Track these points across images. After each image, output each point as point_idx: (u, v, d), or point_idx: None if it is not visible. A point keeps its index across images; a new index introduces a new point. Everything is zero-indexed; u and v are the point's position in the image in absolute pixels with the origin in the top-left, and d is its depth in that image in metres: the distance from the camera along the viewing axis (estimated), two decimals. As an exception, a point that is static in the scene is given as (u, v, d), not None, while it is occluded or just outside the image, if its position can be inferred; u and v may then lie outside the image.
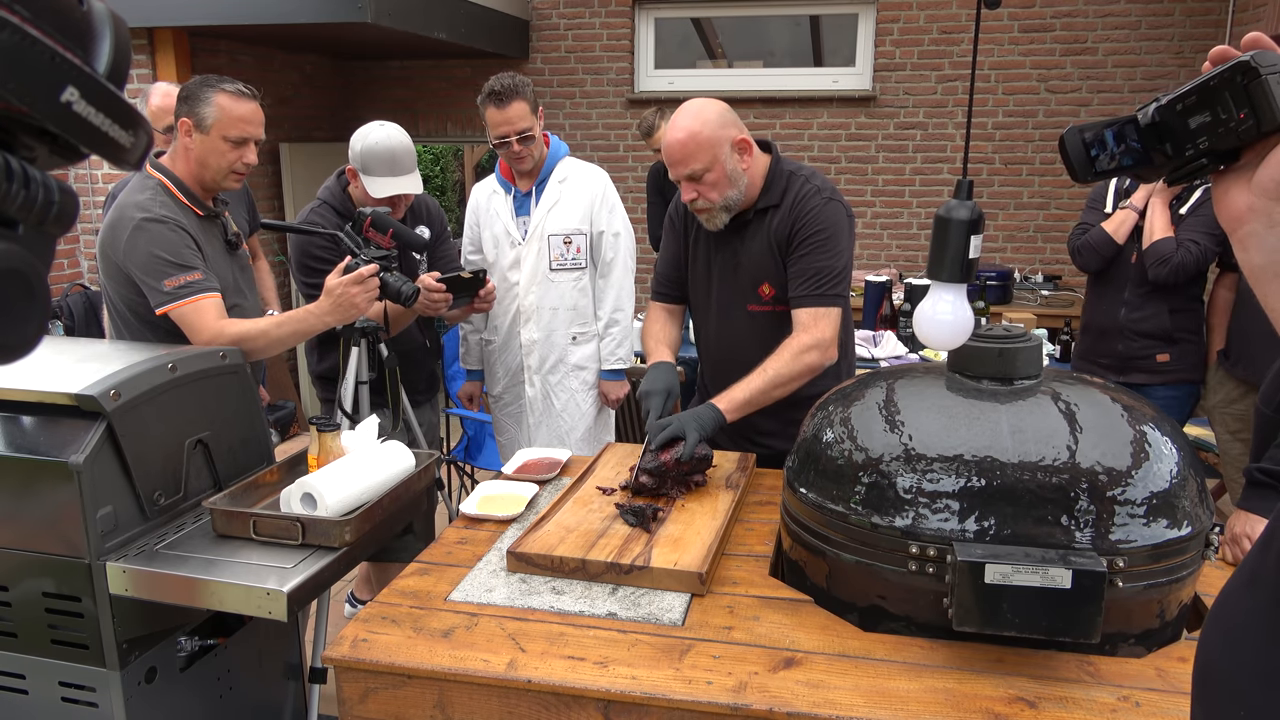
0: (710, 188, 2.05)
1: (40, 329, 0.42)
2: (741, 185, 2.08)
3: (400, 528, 2.09)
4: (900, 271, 5.61)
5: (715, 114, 2.05)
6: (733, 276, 2.21)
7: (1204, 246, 2.98)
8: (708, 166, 2.03)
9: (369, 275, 2.25)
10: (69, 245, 5.07)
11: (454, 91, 6.28)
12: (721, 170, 2.04)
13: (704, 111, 2.05)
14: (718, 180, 2.05)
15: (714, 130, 2.02)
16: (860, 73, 5.82)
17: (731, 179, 2.06)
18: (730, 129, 2.05)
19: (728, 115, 2.08)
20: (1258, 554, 0.69)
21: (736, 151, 2.06)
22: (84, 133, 0.41)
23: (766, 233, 2.14)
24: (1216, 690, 0.68)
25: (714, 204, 2.08)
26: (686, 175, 2.05)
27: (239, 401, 2.08)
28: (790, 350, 2.02)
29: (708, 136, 2.02)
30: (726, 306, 2.25)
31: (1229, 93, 0.69)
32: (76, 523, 1.67)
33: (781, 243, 2.13)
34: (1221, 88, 0.70)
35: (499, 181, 3.05)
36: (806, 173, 2.17)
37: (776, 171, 2.15)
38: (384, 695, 1.40)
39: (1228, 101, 0.69)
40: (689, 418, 1.95)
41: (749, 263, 2.17)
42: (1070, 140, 0.82)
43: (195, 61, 4.93)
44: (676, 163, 2.06)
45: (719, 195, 2.06)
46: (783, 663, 1.36)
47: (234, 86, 2.26)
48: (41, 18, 0.39)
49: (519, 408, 3.16)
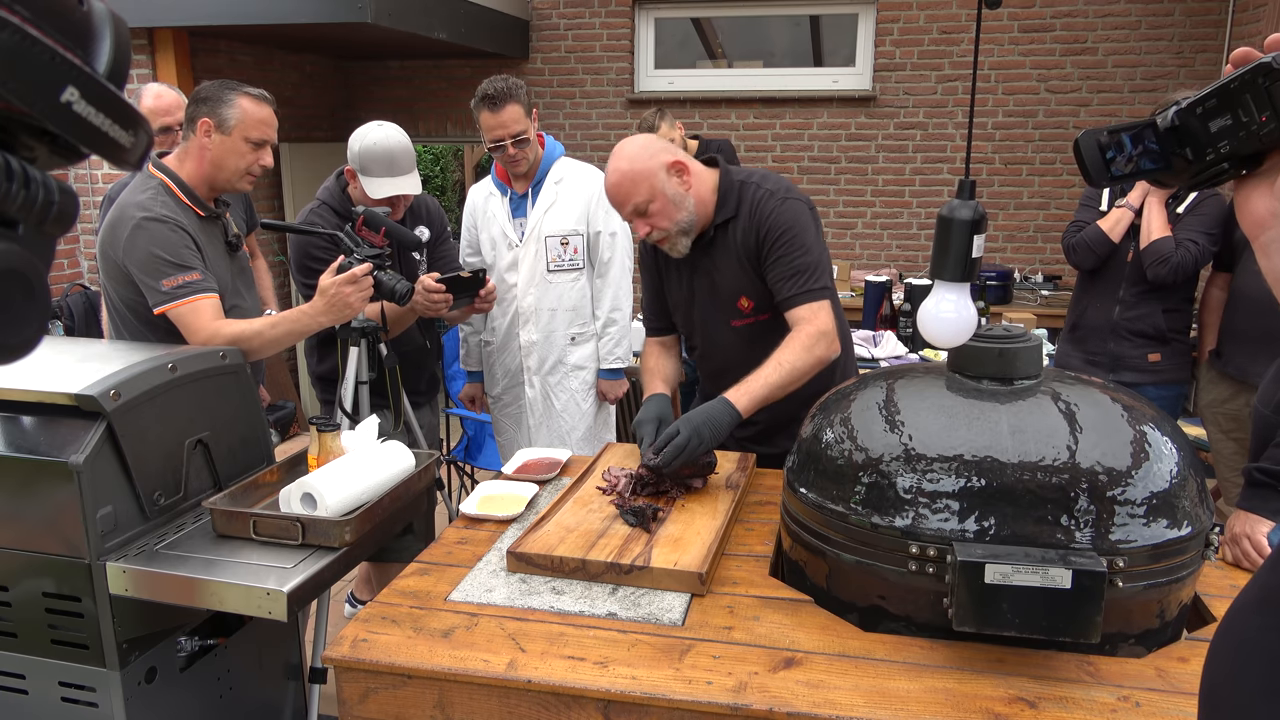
0: (658, 217, 2.06)
1: (40, 329, 0.42)
2: (689, 206, 2.09)
3: (400, 528, 2.09)
4: (900, 271, 5.61)
5: (642, 146, 2.08)
6: (710, 296, 2.21)
7: (1202, 246, 2.99)
8: (649, 198, 2.04)
9: (363, 275, 2.25)
10: (69, 245, 5.07)
11: (454, 91, 6.28)
12: (663, 198, 2.05)
13: (630, 148, 2.08)
14: (663, 208, 2.06)
15: (644, 162, 2.04)
16: (860, 73, 5.82)
17: (676, 203, 2.07)
18: (660, 155, 2.06)
19: (655, 144, 2.11)
20: (1268, 571, 0.68)
21: (674, 175, 2.07)
22: (84, 133, 0.41)
23: (732, 246, 2.13)
24: (1225, 707, 0.68)
25: (668, 231, 2.09)
26: (631, 212, 2.07)
27: (239, 401, 2.08)
28: (799, 343, 2.00)
29: (639, 169, 2.04)
30: (711, 326, 2.26)
31: (1250, 95, 0.68)
32: (76, 523, 1.67)
33: (750, 253, 2.12)
34: (1243, 90, 0.69)
35: (495, 184, 3.04)
36: (758, 177, 2.15)
37: (727, 183, 2.14)
38: (384, 695, 1.40)
39: (1249, 104, 0.68)
40: (702, 422, 1.88)
41: (723, 279, 2.17)
42: (1085, 144, 0.81)
43: (195, 61, 4.93)
44: (619, 204, 2.09)
45: (669, 222, 2.07)
46: (783, 663, 1.36)
47: (255, 91, 2.33)
48: (42, 18, 0.39)
49: (519, 409, 3.16)
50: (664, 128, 4.63)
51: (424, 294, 2.59)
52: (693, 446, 1.85)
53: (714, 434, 1.88)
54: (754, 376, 1.96)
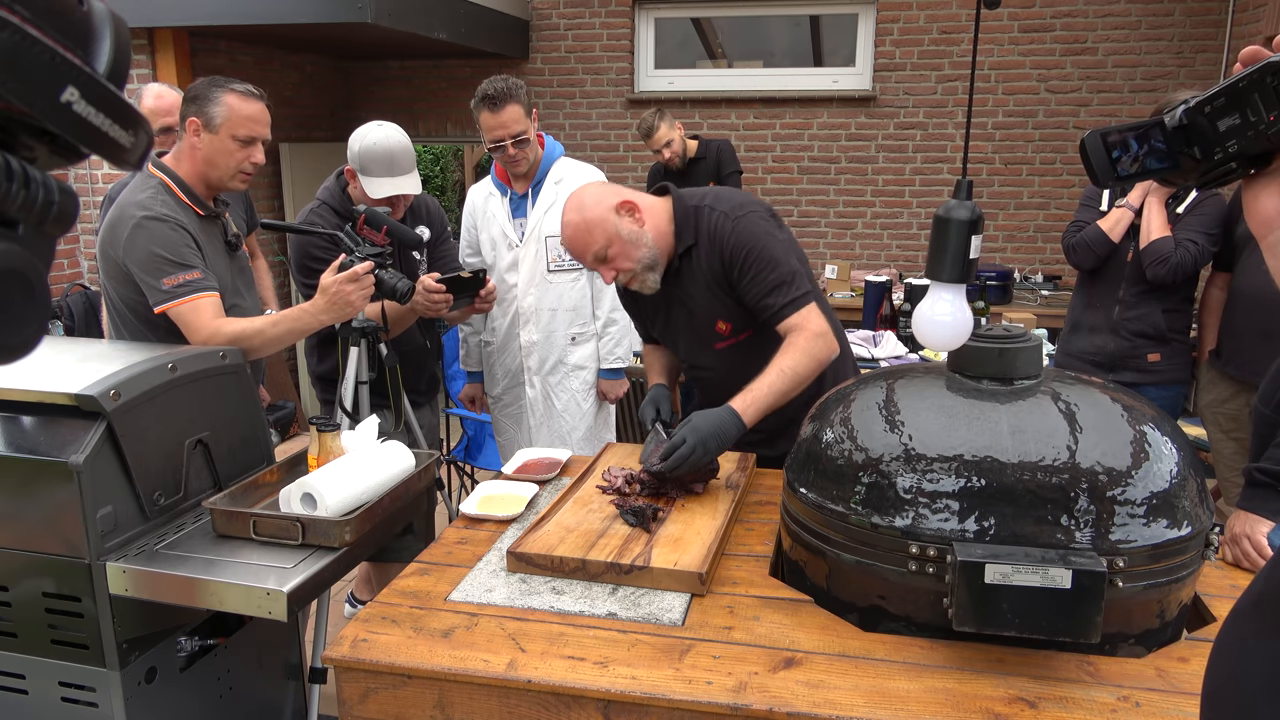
0: (619, 259, 2.07)
1: (40, 329, 0.42)
2: (647, 242, 2.08)
3: (400, 528, 2.09)
4: (900, 271, 5.61)
5: (589, 194, 2.10)
6: (689, 324, 2.22)
7: (1202, 246, 2.99)
8: (606, 243, 2.05)
9: (364, 273, 2.25)
10: (69, 245, 5.07)
11: (454, 91, 6.28)
12: (619, 240, 2.05)
13: (578, 199, 2.09)
14: (622, 250, 2.06)
15: (593, 209, 2.05)
16: (860, 73, 5.82)
17: (634, 241, 2.07)
18: (608, 199, 2.07)
19: (601, 189, 2.12)
20: (1268, 573, 0.68)
21: (625, 214, 2.07)
22: (84, 133, 0.41)
23: (700, 273, 2.13)
24: (1227, 709, 0.68)
25: (633, 270, 2.09)
26: (593, 260, 2.08)
27: (239, 401, 2.08)
28: (798, 347, 1.99)
29: (590, 218, 2.04)
30: (695, 351, 2.27)
31: (1259, 94, 0.68)
32: (76, 523, 1.67)
33: (718, 278, 2.11)
34: (1251, 89, 0.68)
35: (495, 184, 3.04)
36: (710, 199, 2.14)
37: (682, 210, 2.13)
38: (384, 695, 1.40)
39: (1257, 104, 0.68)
40: (709, 434, 1.87)
41: (697, 307, 2.17)
42: (1091, 144, 0.81)
43: (195, 61, 4.93)
44: (579, 255, 2.10)
45: (631, 262, 2.08)
46: (783, 663, 1.36)
47: (242, 87, 2.28)
48: (42, 18, 0.39)
49: (519, 409, 3.16)
50: (664, 128, 4.62)
51: (424, 294, 2.59)
52: (697, 457, 1.85)
53: (720, 445, 1.89)
54: (758, 384, 1.95)
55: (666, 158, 4.66)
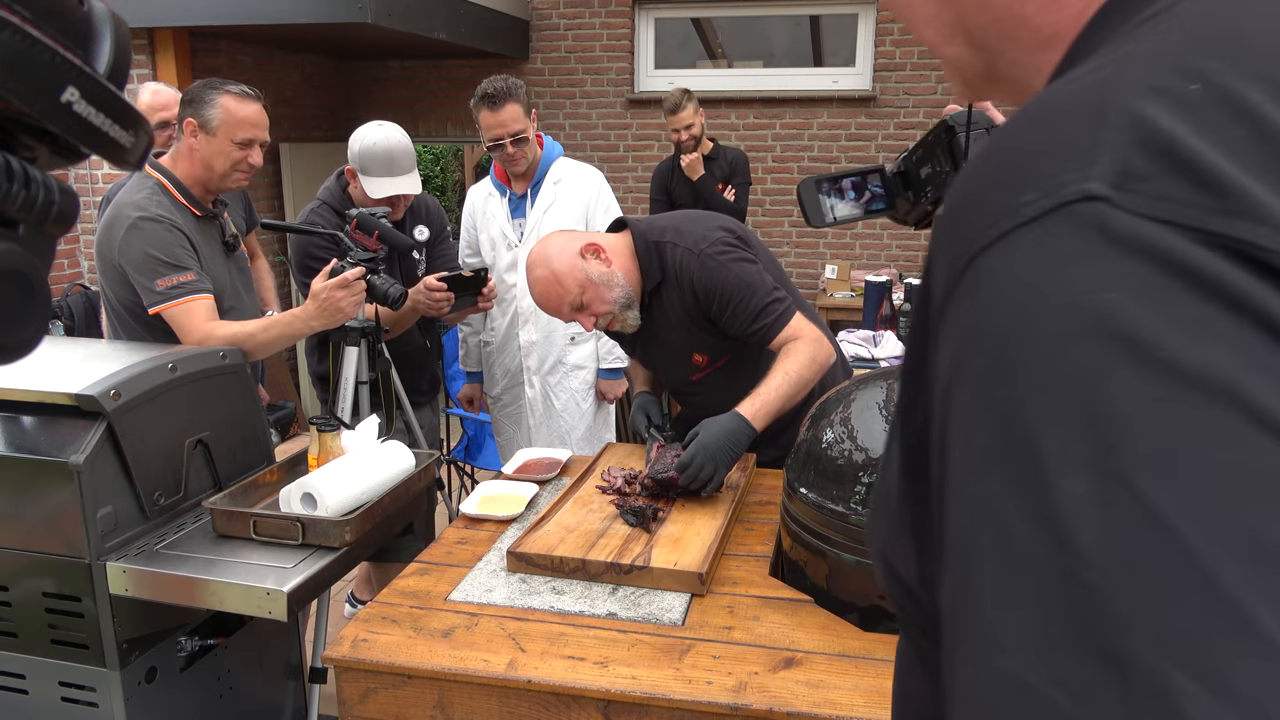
0: (595, 304, 2.04)
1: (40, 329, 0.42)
2: (619, 281, 2.05)
3: (400, 528, 2.09)
4: (900, 271, 5.61)
5: (552, 246, 2.06)
6: (666, 356, 2.22)
7: None
8: (580, 290, 2.02)
9: (354, 279, 2.24)
10: (69, 245, 5.07)
11: (454, 91, 6.28)
12: (591, 285, 2.02)
13: (541, 253, 2.05)
14: (596, 294, 2.03)
15: (559, 259, 2.02)
16: (860, 73, 5.82)
17: (605, 283, 2.04)
18: (570, 246, 2.04)
19: (559, 239, 2.09)
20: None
21: (591, 257, 2.04)
22: (84, 133, 0.41)
23: (671, 310, 2.11)
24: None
25: (611, 313, 2.06)
26: (570, 311, 2.05)
27: (239, 401, 2.08)
28: (799, 352, 1.98)
29: (558, 269, 2.01)
30: (676, 379, 2.28)
31: (938, 148, 0.78)
32: (76, 523, 1.67)
33: (692, 314, 2.08)
34: (935, 143, 0.78)
35: (494, 184, 3.04)
36: (671, 234, 2.09)
37: (644, 246, 2.09)
38: (384, 695, 1.40)
39: (939, 156, 0.78)
40: (719, 449, 1.86)
41: (671, 341, 2.16)
42: (805, 189, 0.88)
43: (195, 61, 4.93)
44: (555, 309, 2.07)
45: (607, 305, 2.05)
46: (783, 663, 1.36)
47: (239, 88, 2.27)
48: (42, 18, 0.39)
49: (518, 409, 3.16)
50: (689, 109, 4.51)
51: (426, 293, 2.59)
52: (707, 474, 1.85)
53: (733, 457, 1.88)
54: (765, 389, 1.94)
55: (683, 139, 4.57)
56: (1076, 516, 0.31)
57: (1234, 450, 0.30)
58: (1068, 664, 0.30)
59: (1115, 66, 0.38)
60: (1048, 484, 0.32)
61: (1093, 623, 0.30)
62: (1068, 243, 0.34)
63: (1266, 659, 0.28)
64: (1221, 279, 0.31)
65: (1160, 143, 0.34)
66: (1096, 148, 0.35)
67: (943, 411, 0.38)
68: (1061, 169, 0.35)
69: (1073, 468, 0.31)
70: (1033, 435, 0.32)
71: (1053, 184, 0.35)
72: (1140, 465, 0.30)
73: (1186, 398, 0.30)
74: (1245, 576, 0.28)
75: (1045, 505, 0.32)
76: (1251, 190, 0.32)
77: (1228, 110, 0.34)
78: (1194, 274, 0.31)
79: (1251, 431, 0.30)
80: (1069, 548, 0.31)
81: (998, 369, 0.35)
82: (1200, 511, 0.29)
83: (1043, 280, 0.34)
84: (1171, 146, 0.33)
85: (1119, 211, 0.33)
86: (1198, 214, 0.32)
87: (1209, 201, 0.32)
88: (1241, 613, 0.28)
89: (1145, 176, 0.33)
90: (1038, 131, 0.38)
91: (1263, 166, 0.33)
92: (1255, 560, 0.29)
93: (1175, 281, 0.32)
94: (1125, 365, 0.31)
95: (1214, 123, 0.33)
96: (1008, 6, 0.48)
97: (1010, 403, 0.34)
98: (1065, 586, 0.31)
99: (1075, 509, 0.31)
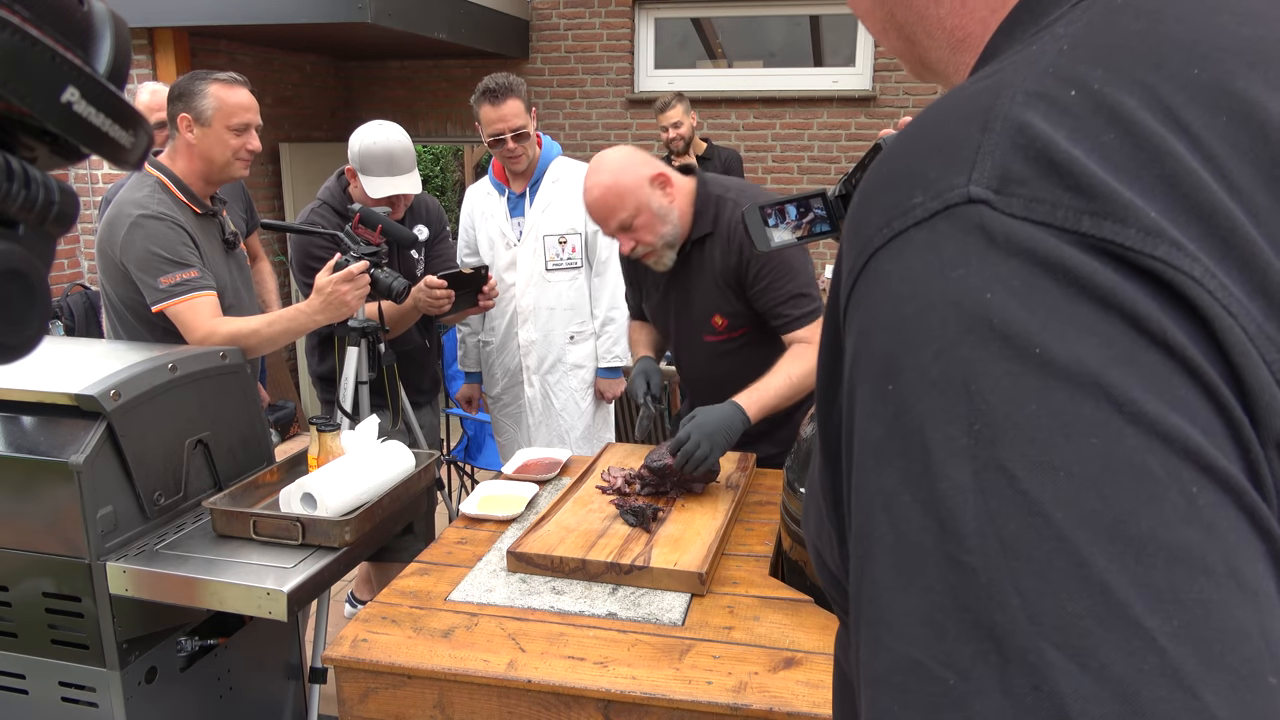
0: (643, 231, 2.03)
1: (40, 329, 0.42)
2: (674, 219, 2.05)
3: (400, 528, 2.09)
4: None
5: (626, 159, 2.04)
6: (686, 310, 2.20)
7: None
8: (635, 212, 2.00)
9: (359, 272, 2.25)
10: (69, 245, 5.07)
11: (454, 91, 6.28)
12: (648, 212, 2.01)
13: (613, 160, 2.03)
14: (648, 222, 2.02)
15: (628, 175, 2.00)
16: (860, 73, 5.82)
17: (661, 216, 2.03)
18: (644, 168, 2.02)
19: (637, 155, 2.06)
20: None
21: (657, 187, 2.03)
22: (84, 133, 0.41)
23: (709, 265, 2.10)
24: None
25: (653, 245, 2.05)
26: (616, 228, 2.03)
27: (239, 401, 2.08)
28: (801, 360, 1.97)
29: (624, 183, 1.99)
30: (685, 338, 2.26)
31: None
32: (76, 523, 1.67)
33: (729, 275, 2.08)
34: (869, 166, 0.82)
35: (493, 184, 3.05)
36: (735, 193, 2.10)
37: (704, 196, 2.10)
38: (384, 695, 1.40)
39: None
40: (715, 430, 1.87)
41: (698, 296, 2.15)
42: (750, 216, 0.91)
43: (195, 61, 4.93)
44: (602, 219, 2.05)
45: (654, 236, 2.04)
46: (783, 663, 1.36)
47: (225, 75, 2.29)
48: (42, 18, 0.39)
49: (518, 408, 3.16)
50: (679, 109, 4.54)
51: (427, 291, 2.59)
52: (703, 453, 1.85)
53: (727, 441, 1.89)
54: (764, 383, 1.95)
55: (670, 137, 4.60)
56: (958, 503, 0.32)
57: (1101, 441, 0.31)
58: (953, 645, 0.31)
59: (1003, 73, 0.39)
60: (934, 474, 0.33)
61: (973, 604, 0.31)
62: (953, 243, 0.35)
63: (1134, 639, 0.29)
64: (1093, 278, 0.33)
65: (1037, 147, 0.35)
66: (979, 152, 0.36)
67: (849, 406, 0.40)
68: (946, 172, 0.37)
69: (955, 458, 0.33)
70: (920, 428, 0.34)
71: (939, 187, 0.37)
72: (1016, 455, 0.32)
73: (1059, 391, 0.32)
74: (1112, 561, 0.30)
75: (931, 494, 0.33)
76: (1121, 193, 0.34)
77: (1102, 116, 0.35)
78: (1067, 273, 0.33)
79: (1118, 422, 0.31)
80: (951, 533, 0.32)
81: (888, 366, 0.36)
82: (1070, 499, 0.31)
83: (930, 280, 0.36)
84: (1048, 151, 0.35)
85: (999, 214, 0.35)
86: (1071, 216, 0.34)
87: (1081, 204, 0.34)
88: (1111, 596, 0.30)
89: (1023, 180, 0.35)
90: (929, 135, 0.40)
91: (1133, 171, 0.34)
92: (1121, 545, 0.30)
93: (1050, 281, 0.33)
94: (1003, 361, 0.33)
95: (1089, 128, 0.35)
96: (925, 6, 0.50)
97: (900, 398, 0.35)
98: (949, 570, 0.32)
99: (957, 496, 0.32)
